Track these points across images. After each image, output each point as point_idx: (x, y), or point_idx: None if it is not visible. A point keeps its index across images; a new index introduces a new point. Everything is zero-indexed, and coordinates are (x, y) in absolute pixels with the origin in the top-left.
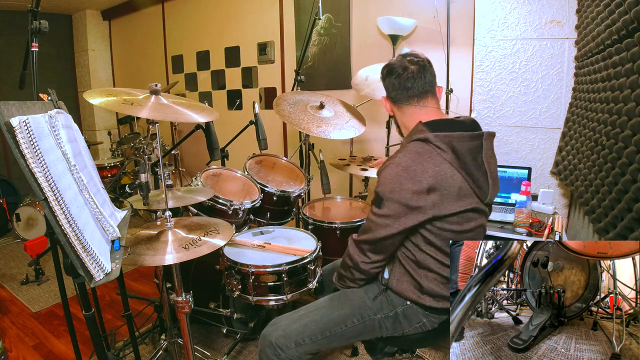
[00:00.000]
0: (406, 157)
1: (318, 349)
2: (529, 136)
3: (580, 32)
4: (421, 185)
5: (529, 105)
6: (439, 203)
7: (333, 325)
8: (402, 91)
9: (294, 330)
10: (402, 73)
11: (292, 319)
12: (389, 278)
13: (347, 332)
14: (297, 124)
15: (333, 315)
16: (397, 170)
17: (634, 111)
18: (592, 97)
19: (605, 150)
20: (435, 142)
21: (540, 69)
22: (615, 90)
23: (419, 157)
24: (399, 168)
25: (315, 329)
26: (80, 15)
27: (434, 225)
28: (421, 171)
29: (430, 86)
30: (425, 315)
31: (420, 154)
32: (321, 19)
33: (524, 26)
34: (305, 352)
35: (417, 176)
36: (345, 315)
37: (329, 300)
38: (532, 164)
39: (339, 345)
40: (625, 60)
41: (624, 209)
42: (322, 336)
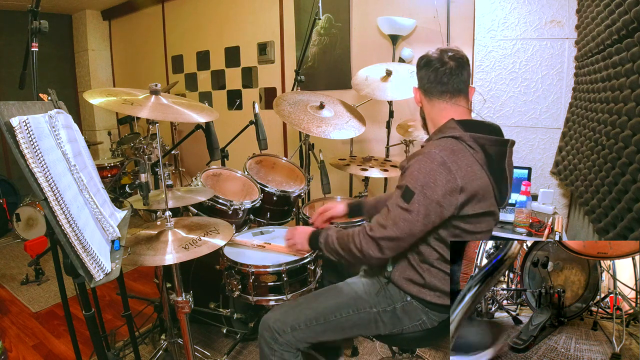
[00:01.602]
0: (442, 152)
1: (315, 338)
2: (529, 136)
3: (580, 32)
4: (455, 184)
5: (529, 105)
6: (465, 203)
7: (328, 312)
8: (436, 85)
9: (291, 315)
10: (440, 67)
11: (291, 305)
12: (392, 271)
13: (341, 321)
14: (297, 124)
15: (329, 303)
16: (433, 165)
17: (634, 111)
18: (592, 97)
19: (605, 150)
20: (469, 141)
21: (540, 69)
22: (615, 90)
23: (454, 154)
24: (434, 163)
25: (310, 315)
26: (80, 15)
27: (451, 223)
28: (456, 169)
29: (464, 85)
30: (425, 312)
31: (454, 151)
32: (321, 19)
33: (524, 26)
34: (302, 339)
35: (451, 173)
36: (340, 304)
37: (327, 290)
38: (532, 164)
39: (336, 336)
40: (625, 60)
41: (624, 209)
42: (316, 322)
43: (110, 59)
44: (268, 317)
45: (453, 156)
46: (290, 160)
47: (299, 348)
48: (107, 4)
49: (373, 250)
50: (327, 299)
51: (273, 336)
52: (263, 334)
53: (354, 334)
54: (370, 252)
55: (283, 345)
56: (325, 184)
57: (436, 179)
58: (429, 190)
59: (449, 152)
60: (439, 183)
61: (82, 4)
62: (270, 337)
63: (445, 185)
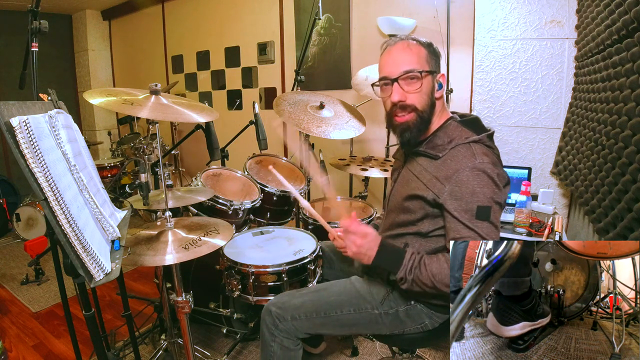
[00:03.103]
0: (484, 159)
1: (314, 330)
2: (529, 136)
3: (580, 32)
4: (506, 178)
5: (529, 105)
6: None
7: (329, 308)
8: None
9: (293, 304)
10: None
11: (294, 295)
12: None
13: (341, 318)
14: (297, 124)
15: (331, 298)
16: (487, 173)
17: (634, 111)
18: (592, 97)
19: (605, 150)
20: (487, 143)
21: (540, 69)
22: (615, 90)
23: (487, 156)
24: (486, 171)
25: (311, 307)
26: (80, 15)
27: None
28: (500, 166)
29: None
30: (429, 315)
31: (486, 154)
32: (321, 19)
33: (524, 26)
34: (301, 329)
35: (500, 170)
36: (342, 301)
37: (331, 285)
38: (532, 164)
39: (336, 331)
40: (625, 60)
41: (624, 209)
42: (316, 315)
43: (110, 59)
44: (271, 302)
45: (489, 157)
46: (290, 160)
47: (298, 337)
48: (107, 4)
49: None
50: (329, 294)
51: (274, 322)
52: (265, 319)
53: (354, 332)
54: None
55: (283, 332)
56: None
57: (497, 182)
58: (498, 196)
59: (488, 157)
60: (500, 184)
61: (82, 4)
62: (272, 322)
63: (503, 182)
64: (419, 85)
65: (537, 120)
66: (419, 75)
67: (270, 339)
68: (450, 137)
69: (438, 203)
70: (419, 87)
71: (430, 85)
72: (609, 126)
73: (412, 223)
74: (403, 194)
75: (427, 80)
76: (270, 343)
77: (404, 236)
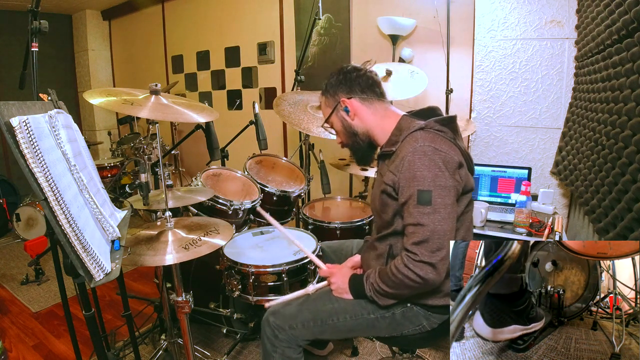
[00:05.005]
0: (425, 142)
1: (313, 336)
2: (529, 136)
3: (580, 32)
4: (455, 161)
5: (529, 105)
6: (464, 176)
7: (325, 316)
8: (373, 88)
9: (289, 314)
10: (367, 73)
11: (290, 305)
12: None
13: (338, 325)
14: (297, 124)
15: (327, 307)
16: (427, 157)
17: (634, 111)
18: (592, 97)
19: (605, 150)
20: (435, 127)
21: (540, 69)
22: (615, 90)
23: (434, 141)
24: (428, 154)
25: (308, 315)
26: (80, 15)
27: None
28: (446, 149)
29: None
30: (426, 317)
31: (433, 139)
32: (321, 19)
33: (524, 26)
34: (301, 337)
35: (447, 153)
36: (338, 309)
37: (326, 292)
38: (532, 164)
39: (334, 336)
40: (625, 60)
41: (624, 209)
42: (314, 324)
43: (110, 59)
44: (269, 312)
45: (435, 141)
46: (290, 160)
47: (299, 344)
48: (107, 4)
49: (432, 274)
50: (324, 302)
51: (274, 333)
52: (265, 330)
53: (353, 336)
54: (431, 276)
55: (284, 341)
56: (325, 184)
57: (439, 165)
58: (441, 180)
59: (430, 140)
60: (443, 167)
61: (82, 4)
62: (271, 334)
63: (450, 166)
64: (335, 129)
65: (537, 120)
66: (328, 123)
67: (271, 350)
68: (402, 130)
69: (397, 196)
70: (335, 130)
71: (339, 121)
72: (609, 126)
73: (389, 223)
74: (375, 196)
75: (334, 121)
76: (272, 354)
77: (387, 238)
